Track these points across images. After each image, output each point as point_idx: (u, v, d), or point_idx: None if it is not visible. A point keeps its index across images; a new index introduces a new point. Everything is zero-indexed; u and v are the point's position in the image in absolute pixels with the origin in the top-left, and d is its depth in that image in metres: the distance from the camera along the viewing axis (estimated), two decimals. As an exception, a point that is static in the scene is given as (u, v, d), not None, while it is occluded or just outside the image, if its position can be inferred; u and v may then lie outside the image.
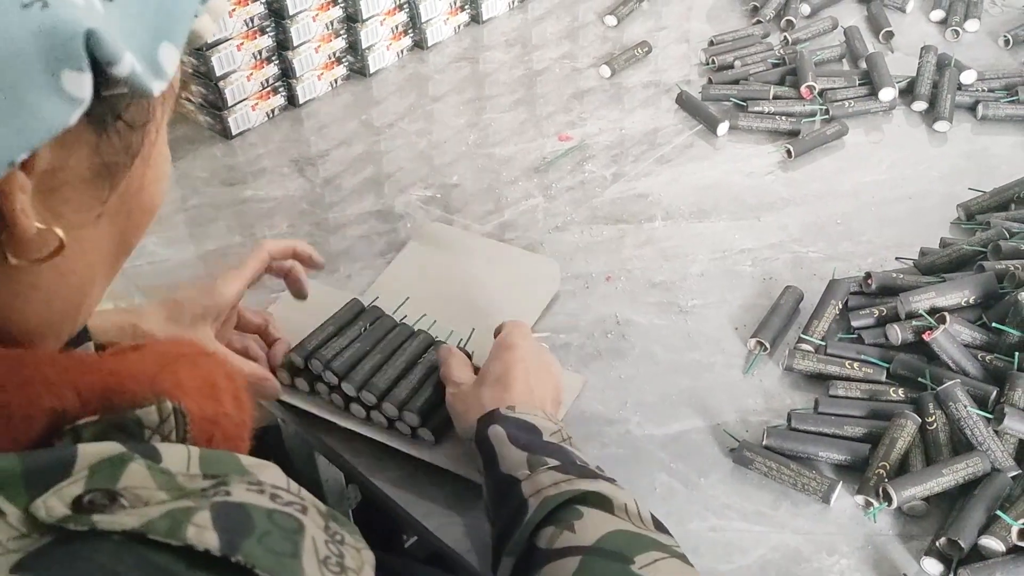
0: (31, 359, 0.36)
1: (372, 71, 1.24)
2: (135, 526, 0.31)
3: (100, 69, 0.33)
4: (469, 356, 0.79)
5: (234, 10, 1.08)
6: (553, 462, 0.61)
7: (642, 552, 0.54)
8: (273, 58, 1.14)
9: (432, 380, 0.77)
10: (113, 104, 0.36)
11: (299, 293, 0.82)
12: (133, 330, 0.70)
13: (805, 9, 1.33)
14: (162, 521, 0.31)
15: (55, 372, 0.36)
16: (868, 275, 0.87)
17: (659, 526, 0.59)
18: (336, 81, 1.22)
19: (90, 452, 0.33)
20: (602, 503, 0.58)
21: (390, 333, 0.81)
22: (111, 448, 0.34)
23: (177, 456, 0.36)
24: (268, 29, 1.12)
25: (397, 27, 1.25)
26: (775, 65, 1.22)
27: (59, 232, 0.36)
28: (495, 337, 0.77)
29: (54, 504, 0.31)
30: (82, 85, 0.32)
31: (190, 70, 1.09)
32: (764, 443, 0.74)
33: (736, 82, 1.19)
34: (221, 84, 1.09)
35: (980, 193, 0.98)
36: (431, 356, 0.79)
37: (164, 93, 0.37)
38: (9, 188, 0.33)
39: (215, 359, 0.44)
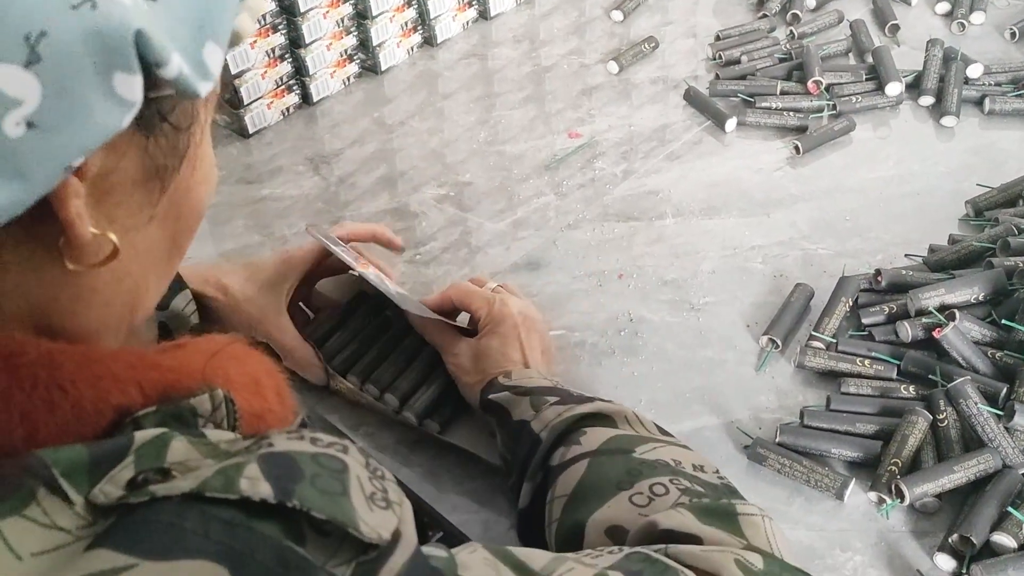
0: (99, 356, 0.38)
1: (383, 68, 1.25)
2: (192, 487, 0.33)
3: (149, 71, 0.33)
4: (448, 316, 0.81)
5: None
6: (553, 399, 0.67)
7: (642, 444, 0.61)
8: (286, 56, 1.15)
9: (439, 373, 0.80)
10: (160, 106, 0.37)
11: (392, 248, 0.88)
12: (216, 283, 0.77)
13: (810, 3, 1.34)
14: (216, 479, 0.33)
15: (122, 369, 0.38)
16: (878, 272, 0.88)
17: (662, 430, 0.65)
18: (349, 79, 1.23)
19: (139, 438, 0.35)
20: (603, 420, 0.64)
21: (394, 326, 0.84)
22: (156, 431, 0.36)
23: (224, 436, 0.38)
24: (280, 26, 1.13)
25: (407, 24, 1.26)
26: (782, 60, 1.23)
27: (113, 237, 0.37)
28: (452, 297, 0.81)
29: (110, 489, 0.33)
30: (133, 87, 0.32)
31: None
32: (777, 440, 0.75)
33: (743, 77, 1.20)
34: (236, 82, 1.10)
35: (988, 189, 0.99)
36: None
37: (208, 94, 0.37)
38: (64, 193, 0.34)
39: (257, 356, 0.46)
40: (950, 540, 0.67)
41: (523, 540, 0.66)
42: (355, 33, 1.21)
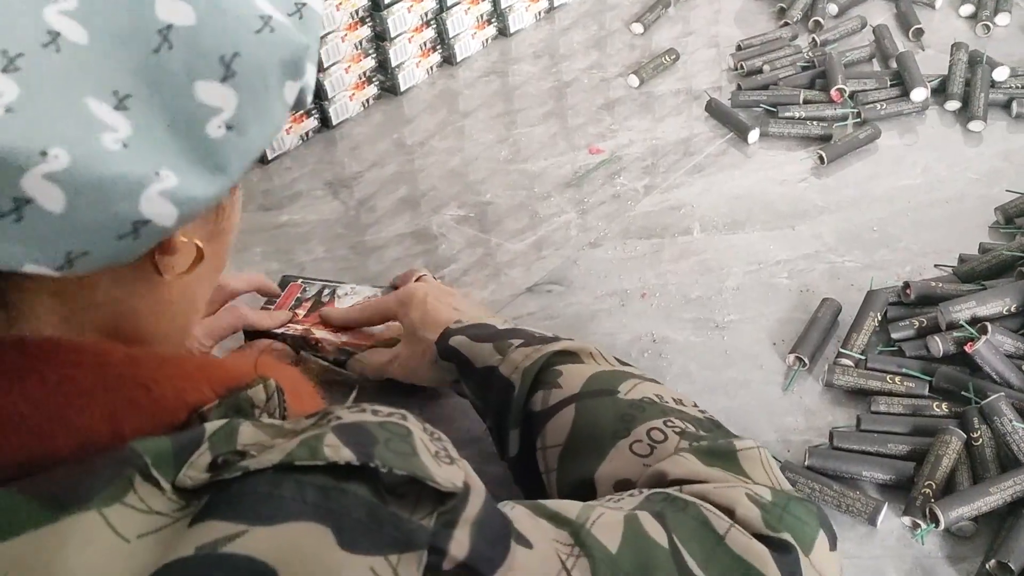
0: (174, 358, 0.42)
1: (403, 89, 1.25)
2: (280, 459, 0.36)
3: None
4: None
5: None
6: (517, 341, 0.67)
7: (622, 382, 0.62)
8: (304, 81, 1.15)
9: None
10: None
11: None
12: None
13: (833, 9, 1.32)
14: (301, 449, 0.36)
15: (194, 369, 0.42)
16: (907, 285, 0.86)
17: (622, 362, 0.67)
18: (368, 101, 1.23)
19: (209, 427, 0.38)
20: (572, 357, 0.65)
21: None
22: (223, 421, 0.39)
23: (282, 422, 0.42)
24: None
25: (426, 43, 1.26)
26: (804, 68, 1.21)
27: (198, 243, 0.42)
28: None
29: (194, 474, 0.36)
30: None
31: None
32: (806, 464, 0.74)
33: (766, 87, 1.18)
34: (254, 110, 1.11)
35: (1018, 195, 0.97)
36: None
37: None
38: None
39: (288, 365, 0.51)
40: (987, 566, 0.65)
41: (520, 486, 0.66)
42: (373, 55, 1.21)
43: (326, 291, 0.87)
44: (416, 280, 0.85)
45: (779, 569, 0.47)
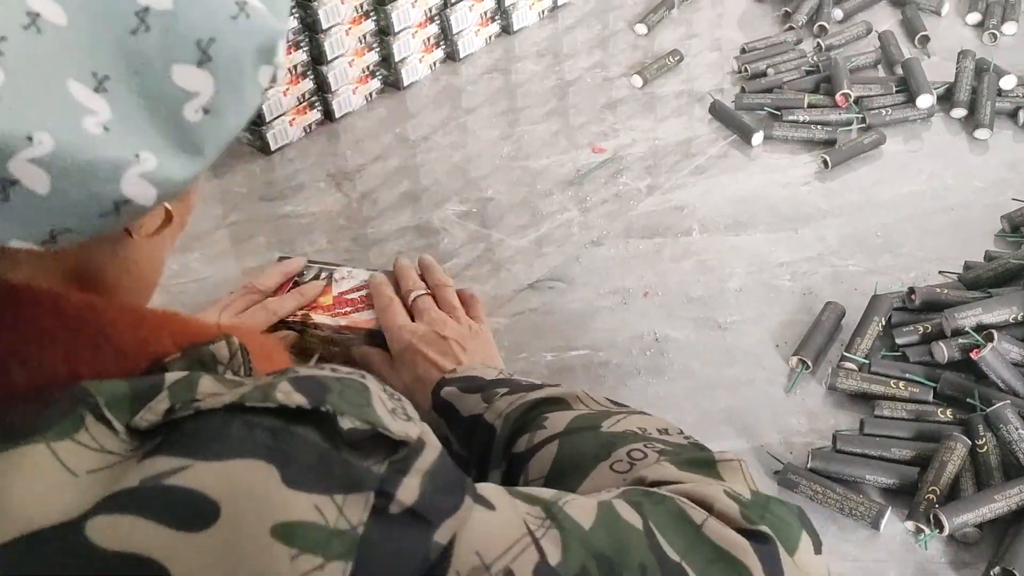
0: (137, 309, 0.43)
1: (406, 84, 1.24)
2: (233, 399, 0.37)
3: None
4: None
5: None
6: (504, 389, 0.66)
7: (606, 418, 0.61)
8: (308, 73, 1.14)
9: None
10: None
11: None
12: None
13: (838, 14, 1.32)
14: (254, 392, 0.37)
15: (157, 321, 0.43)
16: (912, 290, 0.86)
17: (615, 403, 0.65)
18: (371, 95, 1.22)
19: (170, 377, 0.39)
20: (559, 403, 0.64)
21: None
22: (185, 372, 0.40)
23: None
24: (302, 43, 1.12)
25: (429, 39, 1.25)
26: (809, 72, 1.21)
27: (168, 206, 0.43)
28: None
29: (150, 417, 0.37)
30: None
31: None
32: (809, 465, 0.73)
33: (770, 90, 1.18)
34: (257, 100, 1.10)
35: (1024, 204, 0.96)
36: None
37: None
38: None
39: (270, 336, 0.53)
40: (992, 573, 0.64)
41: None
42: (377, 49, 1.20)
43: (323, 274, 0.87)
44: (413, 291, 0.82)
45: (759, 559, 0.46)
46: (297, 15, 1.10)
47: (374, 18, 1.18)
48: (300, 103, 1.15)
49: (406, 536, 0.38)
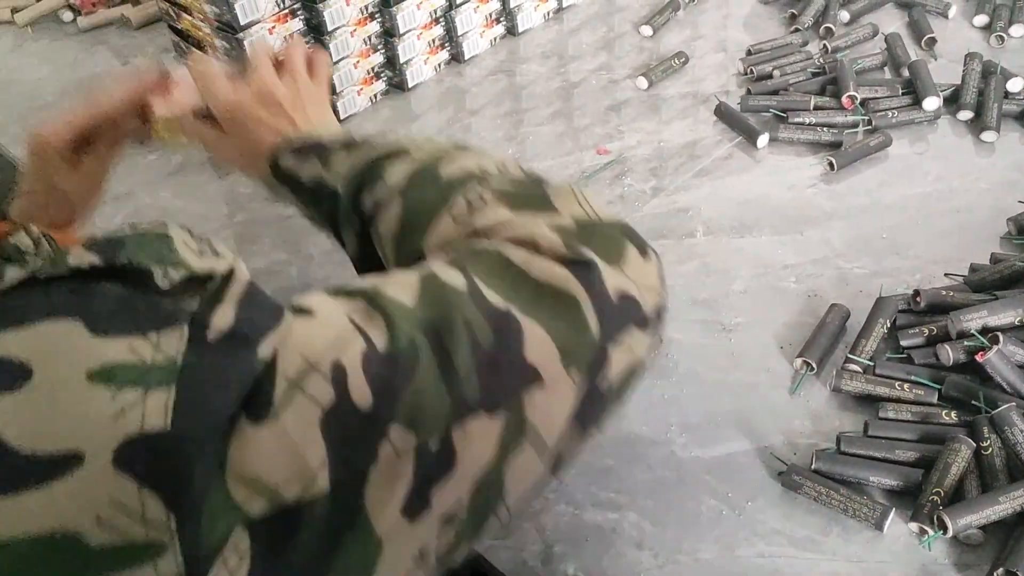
0: None
1: (410, 85, 1.24)
2: (22, 276, 0.36)
3: None
4: None
5: (273, 27, 1.09)
6: (343, 153, 0.64)
7: (442, 162, 0.58)
8: (312, 74, 1.14)
9: None
10: None
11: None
12: None
13: (844, 16, 1.31)
14: (44, 264, 0.37)
15: None
16: (917, 292, 0.85)
17: (457, 146, 0.62)
18: (376, 96, 1.22)
19: None
20: (398, 154, 0.61)
21: None
22: None
23: None
24: (308, 44, 1.12)
25: (434, 41, 1.25)
26: (815, 74, 1.20)
27: None
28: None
29: None
30: None
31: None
32: (813, 467, 0.73)
33: (775, 92, 1.18)
34: (261, 101, 1.10)
35: (1030, 206, 0.96)
36: None
37: None
38: None
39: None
40: (995, 574, 0.64)
41: None
42: (382, 51, 1.20)
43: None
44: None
45: (582, 285, 0.47)
46: (303, 17, 1.10)
47: (379, 20, 1.18)
48: (305, 104, 1.15)
49: (228, 358, 0.38)
